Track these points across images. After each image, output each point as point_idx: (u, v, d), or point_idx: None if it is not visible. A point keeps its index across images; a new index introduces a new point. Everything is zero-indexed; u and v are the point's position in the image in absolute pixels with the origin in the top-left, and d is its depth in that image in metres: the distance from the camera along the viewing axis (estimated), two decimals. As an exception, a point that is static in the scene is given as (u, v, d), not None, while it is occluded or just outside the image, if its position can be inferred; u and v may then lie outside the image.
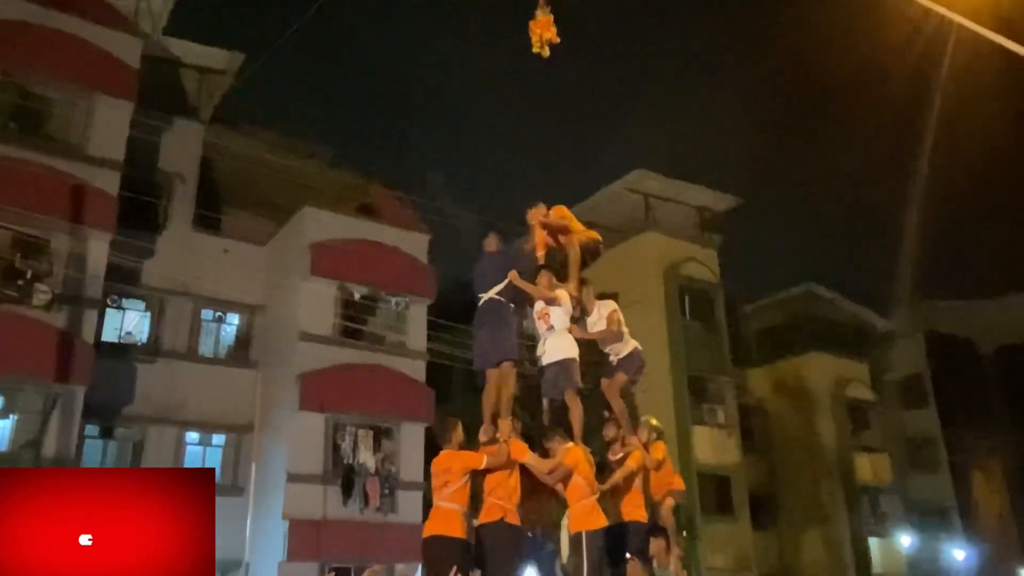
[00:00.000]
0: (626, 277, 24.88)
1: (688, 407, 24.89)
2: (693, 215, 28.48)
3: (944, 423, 34.13)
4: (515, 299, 6.59)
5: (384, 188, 22.39)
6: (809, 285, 33.63)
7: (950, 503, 33.44)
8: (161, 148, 19.58)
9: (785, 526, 30.28)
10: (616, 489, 6.15)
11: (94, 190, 16.08)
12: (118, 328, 18.51)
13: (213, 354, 19.59)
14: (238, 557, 17.46)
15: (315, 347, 18.32)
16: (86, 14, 17.12)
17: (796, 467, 30.70)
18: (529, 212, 7.15)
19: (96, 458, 17.40)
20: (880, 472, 30.88)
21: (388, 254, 19.95)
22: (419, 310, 20.24)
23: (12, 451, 14.49)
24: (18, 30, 16.10)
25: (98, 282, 16.06)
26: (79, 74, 16.69)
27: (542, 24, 7.59)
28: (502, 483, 5.74)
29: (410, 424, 18.90)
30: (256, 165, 21.71)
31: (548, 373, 6.58)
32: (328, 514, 17.17)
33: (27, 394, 14.89)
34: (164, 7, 18.81)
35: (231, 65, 20.53)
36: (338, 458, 17.85)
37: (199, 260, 19.24)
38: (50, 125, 16.64)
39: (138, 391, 17.79)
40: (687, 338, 25.73)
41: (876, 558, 29.19)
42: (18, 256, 15.38)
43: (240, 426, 18.75)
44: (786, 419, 31.49)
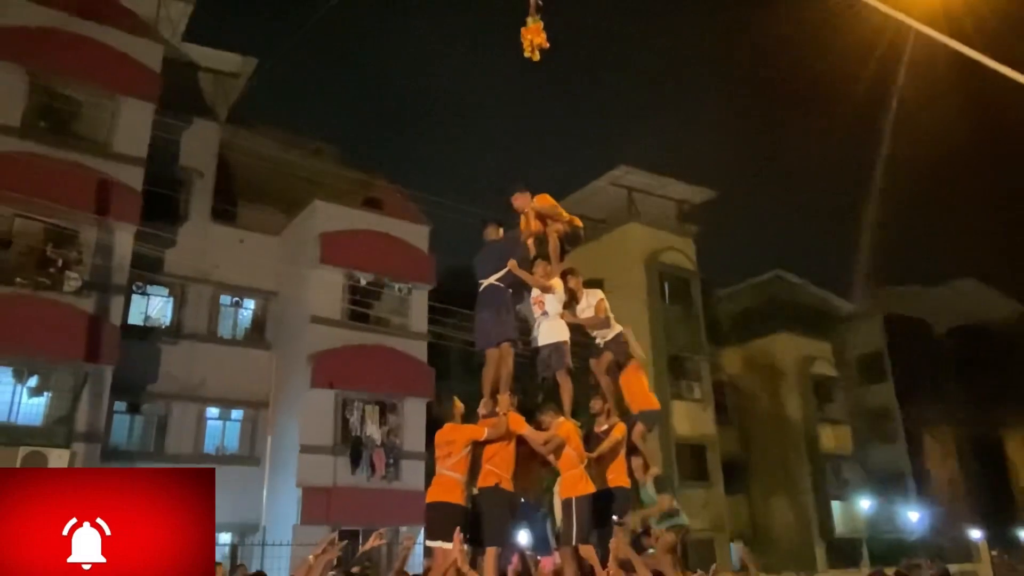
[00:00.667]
0: (611, 265, 24.95)
1: (667, 383, 24.99)
2: (672, 207, 28.48)
3: (900, 397, 34.33)
4: (513, 285, 6.62)
5: (388, 183, 22.35)
6: (777, 271, 33.75)
7: (906, 470, 33.68)
8: (181, 146, 19.48)
9: (755, 491, 30.53)
10: (602, 458, 6.19)
11: (119, 185, 16.03)
12: (143, 312, 18.50)
13: (231, 336, 19.57)
14: (256, 521, 17.58)
15: (325, 329, 18.32)
16: (111, 21, 17.01)
17: (765, 437, 30.91)
18: (514, 198, 7.12)
19: (124, 433, 17.46)
20: (842, 442, 31.16)
21: (392, 244, 19.93)
22: (420, 295, 20.24)
23: (46, 426, 14.51)
24: (48, 36, 16.00)
25: (124, 270, 16.06)
26: (105, 77, 16.61)
27: (533, 31, 7.56)
28: (499, 452, 5.77)
29: (412, 400, 18.96)
30: (269, 161, 21.62)
31: (542, 354, 6.63)
32: (338, 482, 17.24)
33: (59, 373, 14.88)
34: (182, 15, 18.73)
35: (245, 68, 20.46)
36: (347, 431, 17.90)
37: (217, 249, 19.23)
38: (78, 124, 16.54)
39: (162, 370, 17.79)
40: (666, 321, 25.82)
41: (838, 520, 29.50)
42: (50, 246, 15.36)
43: (256, 402, 18.79)
44: (756, 394, 31.71)
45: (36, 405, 14.74)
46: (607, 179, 26.80)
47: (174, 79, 18.84)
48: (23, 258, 15.05)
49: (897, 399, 34.37)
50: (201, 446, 18.10)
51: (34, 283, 14.83)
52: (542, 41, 7.56)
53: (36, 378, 14.79)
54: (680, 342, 26.08)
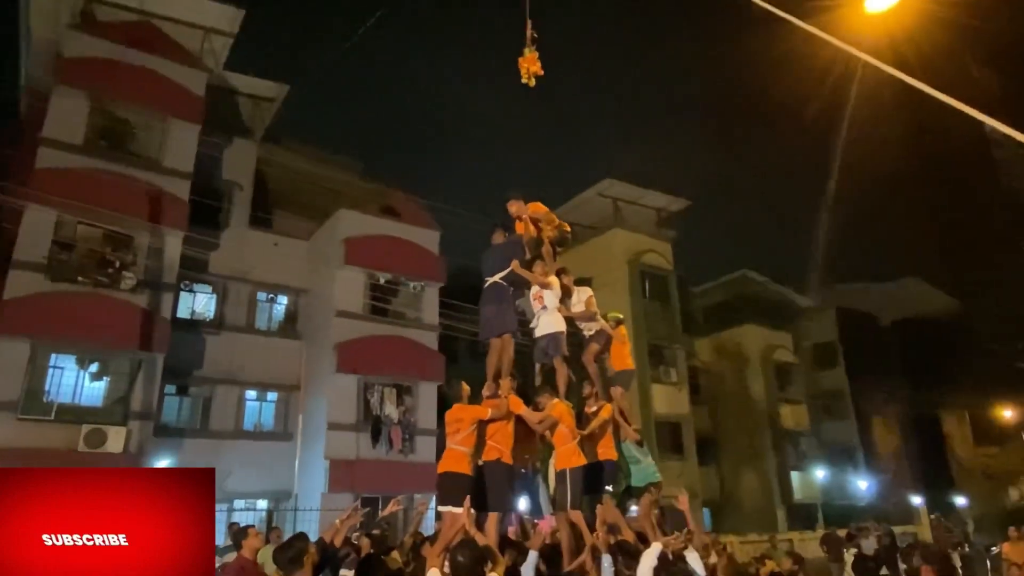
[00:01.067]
0: (598, 265, 24.99)
1: (648, 369, 24.99)
2: (652, 215, 28.45)
3: (850, 380, 34.42)
4: (514, 283, 6.59)
5: (403, 193, 22.30)
6: (744, 271, 33.75)
7: (855, 444, 33.77)
8: (222, 161, 19.48)
9: (724, 463, 30.58)
10: (593, 435, 6.16)
11: (169, 196, 16.02)
12: (190, 307, 18.47)
13: (266, 328, 19.54)
14: (289, 489, 17.55)
15: (348, 322, 18.29)
16: (161, 53, 17.01)
17: (733, 415, 30.94)
18: (509, 204, 7.07)
19: (173, 412, 17.45)
20: (800, 419, 31.17)
21: (407, 247, 19.91)
22: (432, 292, 20.20)
23: (106, 407, 14.50)
24: (107, 66, 16.01)
25: (173, 270, 16.03)
26: (156, 102, 16.62)
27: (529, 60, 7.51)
28: (500, 430, 5.73)
29: (425, 383, 18.94)
30: (300, 175, 21.61)
31: (540, 343, 6.59)
32: (360, 455, 17.23)
33: (117, 360, 14.87)
34: (224, 47, 18.68)
35: (279, 94, 20.43)
36: (368, 410, 17.88)
37: (254, 252, 19.25)
38: (132, 143, 16.51)
39: (206, 357, 17.80)
40: (646, 314, 25.81)
41: (797, 488, 29.51)
42: (108, 249, 15.36)
43: (289, 385, 18.76)
44: (725, 377, 31.73)
45: (97, 388, 14.73)
46: (595, 190, 26.80)
47: (216, 103, 18.86)
48: (85, 260, 15.03)
49: (848, 382, 34.44)
50: (241, 424, 18.09)
51: (94, 282, 14.82)
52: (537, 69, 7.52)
53: (97, 365, 14.78)
54: (659, 333, 26.08)
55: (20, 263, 14.12)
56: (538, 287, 6.59)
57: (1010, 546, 12.38)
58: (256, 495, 17.62)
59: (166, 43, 17.33)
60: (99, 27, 16.61)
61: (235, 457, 17.14)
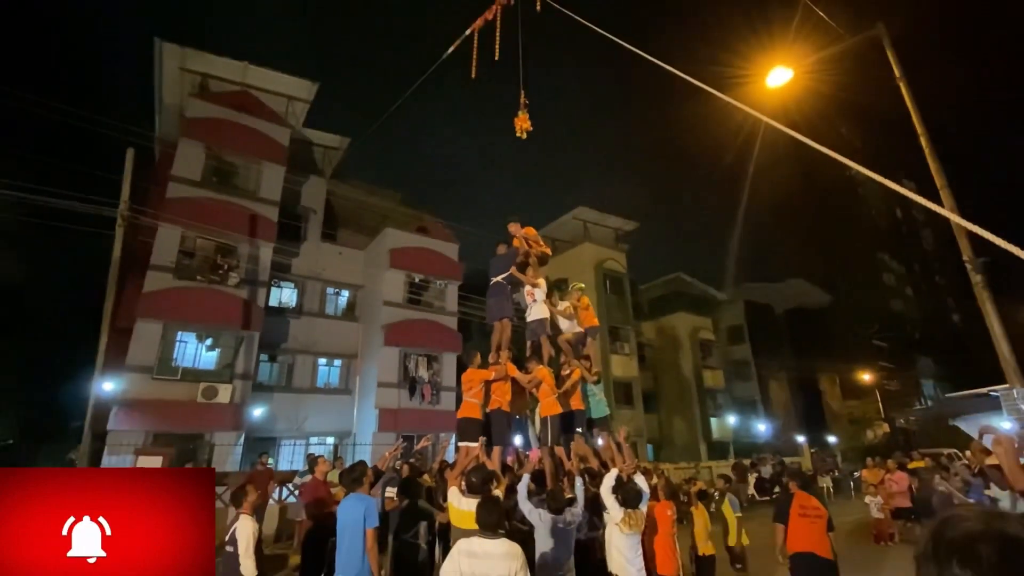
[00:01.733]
0: (573, 270, 24.97)
1: (608, 344, 25.01)
2: (612, 233, 28.41)
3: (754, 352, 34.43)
4: (512, 282, 6.59)
5: (432, 217, 22.27)
6: (678, 273, 33.71)
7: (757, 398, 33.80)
8: (302, 193, 19.37)
9: (663, 411, 30.60)
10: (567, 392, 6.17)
11: (262, 218, 15.96)
12: (278, 298, 18.38)
13: (334, 313, 19.45)
14: (349, 429, 17.54)
15: (392, 309, 18.25)
16: (257, 114, 16.94)
17: (670, 378, 30.94)
18: (509, 225, 7.08)
19: (266, 374, 17.38)
20: (717, 380, 31.18)
21: (434, 255, 19.85)
22: (453, 288, 20.15)
23: (217, 370, 14.44)
24: (218, 124, 15.98)
25: (266, 271, 15.96)
26: (253, 149, 16.54)
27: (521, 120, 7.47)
28: (500, 387, 5.75)
29: (448, 354, 18.89)
30: (357, 203, 21.53)
31: (531, 326, 6.60)
32: (401, 405, 17.22)
33: (225, 336, 14.83)
34: (303, 110, 18.59)
35: (342, 144, 20.33)
36: (407, 373, 17.86)
37: (324, 259, 19.13)
38: (236, 179, 16.43)
39: (290, 335, 17.75)
40: (607, 305, 25.77)
41: (715, 430, 29.56)
42: (219, 256, 15.30)
43: (350, 355, 18.70)
44: (664, 351, 31.72)
45: (211, 356, 14.70)
46: (570, 215, 26.74)
47: (297, 151, 18.79)
48: (202, 264, 14.99)
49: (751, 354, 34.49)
50: (315, 383, 18.03)
51: (209, 280, 14.78)
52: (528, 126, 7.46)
53: (210, 339, 14.75)
54: (616, 318, 26.06)
55: (155, 266, 14.10)
56: (530, 286, 6.61)
57: (867, 471, 12.43)
58: (325, 434, 17.62)
59: (261, 107, 17.25)
60: (211, 95, 16.54)
61: (310, 406, 17.14)
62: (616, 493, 4.30)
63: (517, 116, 7.40)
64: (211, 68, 16.63)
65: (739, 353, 34.53)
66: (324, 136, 20.05)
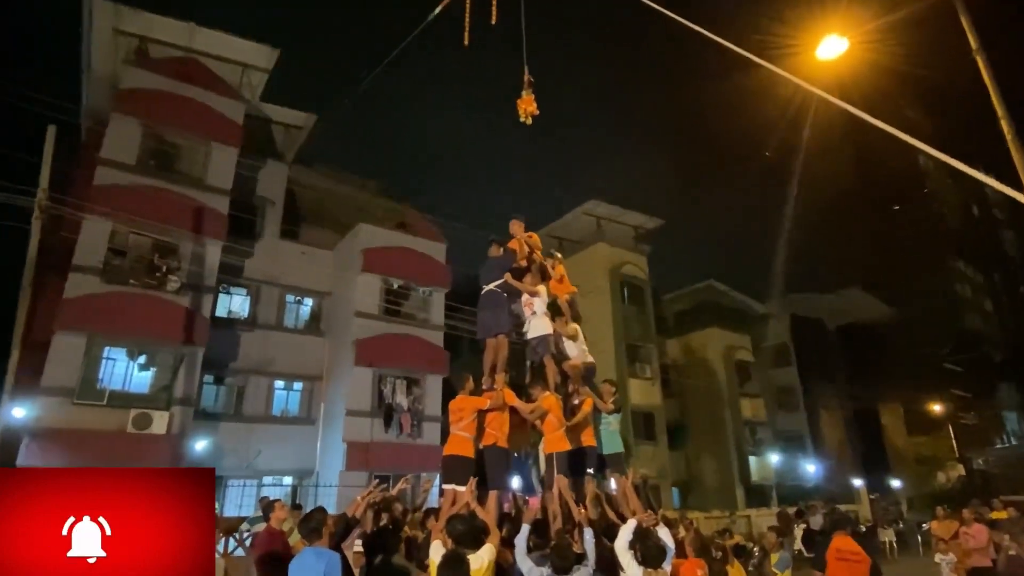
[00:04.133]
0: (584, 276, 24.96)
1: (626, 365, 25.02)
2: (630, 231, 28.53)
3: (801, 378, 34.47)
4: (508, 290, 6.59)
5: (415, 210, 22.33)
6: (710, 281, 33.88)
7: (805, 432, 33.78)
8: (257, 180, 19.43)
9: (691, 448, 30.54)
10: (577, 425, 6.15)
11: (210, 210, 16.00)
12: (227, 307, 18.37)
13: (294, 326, 19.44)
14: (311, 467, 17.47)
15: (365, 321, 18.25)
16: (205, 85, 17.01)
17: (699, 407, 30.93)
18: (512, 223, 7.13)
19: (211, 399, 17.34)
20: (757, 411, 31.21)
21: (417, 257, 19.89)
22: (439, 296, 20.19)
23: (151, 393, 14.41)
24: (157, 97, 16.05)
25: (213, 274, 15.98)
26: (200, 128, 16.60)
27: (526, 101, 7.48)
28: (496, 418, 5.71)
29: (432, 376, 18.89)
30: (325, 193, 21.60)
31: (531, 344, 6.59)
32: (374, 438, 17.16)
33: (162, 353, 14.80)
34: (260, 81, 18.71)
35: (307, 122, 20.43)
36: (381, 399, 17.82)
37: (284, 260, 19.14)
38: (179, 163, 16.49)
39: (241, 351, 17.71)
40: (625, 318, 25.87)
41: (754, 471, 29.52)
42: (156, 256, 15.30)
43: (313, 376, 18.67)
44: (692, 374, 31.73)
45: (144, 377, 14.66)
46: (581, 209, 26.84)
47: (253, 130, 18.89)
48: (135, 265, 14.98)
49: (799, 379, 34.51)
50: (270, 410, 17.99)
51: (143, 284, 14.77)
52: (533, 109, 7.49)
53: (144, 356, 14.71)
54: (635, 334, 26.12)
55: (79, 267, 14.07)
56: (528, 295, 6.60)
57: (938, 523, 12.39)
58: (282, 472, 17.54)
59: (209, 77, 17.33)
60: (151, 63, 16.62)
61: (264, 439, 17.08)
62: (634, 549, 4.28)
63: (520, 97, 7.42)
64: (151, 30, 16.70)
65: (784, 378, 34.56)
66: (285, 112, 20.14)
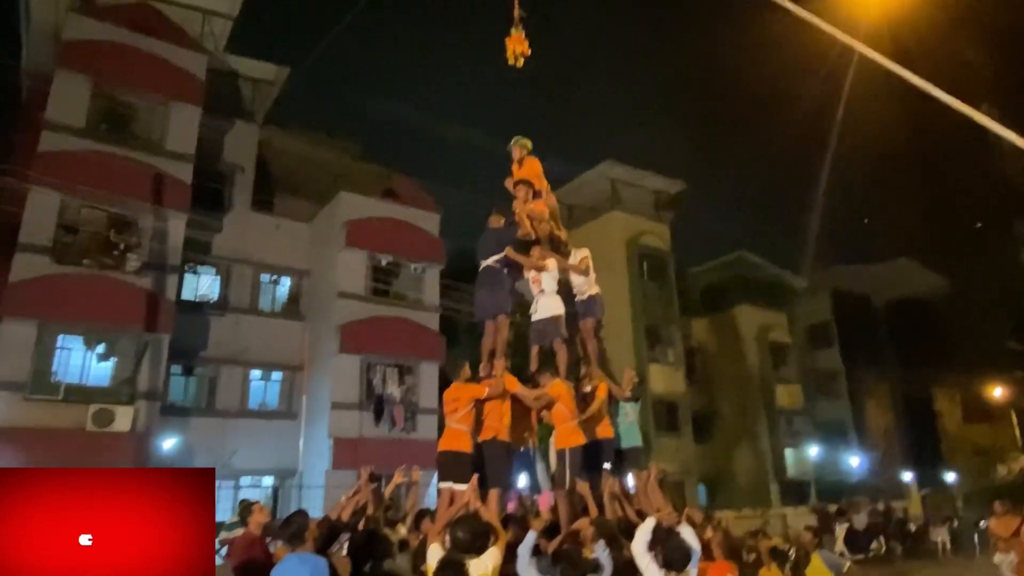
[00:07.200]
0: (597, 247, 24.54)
1: (645, 349, 25.08)
2: (650, 196, 28.36)
3: (845, 360, 34.48)
4: (508, 265, 6.56)
5: (404, 175, 22.21)
6: (740, 252, 33.66)
7: (848, 422, 33.90)
8: (224, 144, 19.34)
9: (720, 441, 30.71)
10: (591, 416, 6.16)
11: (172, 178, 15.94)
12: (194, 289, 18.42)
13: (270, 309, 19.51)
14: (294, 467, 17.67)
15: (351, 303, 18.28)
16: (162, 36, 16.83)
17: (729, 395, 31.05)
18: (514, 147, 7.16)
19: (180, 392, 17.50)
20: (794, 398, 31.28)
21: (407, 229, 19.83)
22: (433, 273, 20.18)
23: (113, 387, 14.52)
24: (108, 49, 15.86)
25: (177, 252, 15.98)
26: (157, 84, 16.45)
27: (515, 40, 7.35)
28: (495, 409, 5.73)
29: (427, 363, 18.97)
30: (301, 158, 21.50)
31: (539, 326, 6.56)
32: (363, 433, 17.31)
33: (124, 341, 14.88)
34: (224, 30, 18.51)
35: (279, 77, 20.27)
36: (371, 390, 17.92)
37: (257, 234, 19.16)
38: (134, 126, 16.40)
39: (211, 338, 17.80)
40: (645, 295, 25.84)
41: (790, 465, 29.72)
42: (112, 232, 15.30)
43: (293, 365, 18.79)
44: (721, 357, 31.78)
45: (104, 368, 14.77)
46: (595, 172, 26.70)
47: (217, 86, 18.73)
48: (89, 242, 14.99)
49: (841, 362, 34.51)
50: (246, 403, 18.15)
51: (99, 264, 14.80)
52: (524, 49, 7.35)
53: (103, 345, 14.80)
54: (656, 313, 26.12)
55: (25, 246, 14.08)
56: (535, 271, 6.55)
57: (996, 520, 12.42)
58: (262, 472, 17.74)
59: (166, 25, 17.13)
60: (100, 10, 16.39)
61: (241, 435, 17.24)
62: (654, 551, 4.30)
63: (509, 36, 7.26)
64: (97, -28, 16.47)
65: (825, 361, 34.57)
66: (253, 65, 19.95)
